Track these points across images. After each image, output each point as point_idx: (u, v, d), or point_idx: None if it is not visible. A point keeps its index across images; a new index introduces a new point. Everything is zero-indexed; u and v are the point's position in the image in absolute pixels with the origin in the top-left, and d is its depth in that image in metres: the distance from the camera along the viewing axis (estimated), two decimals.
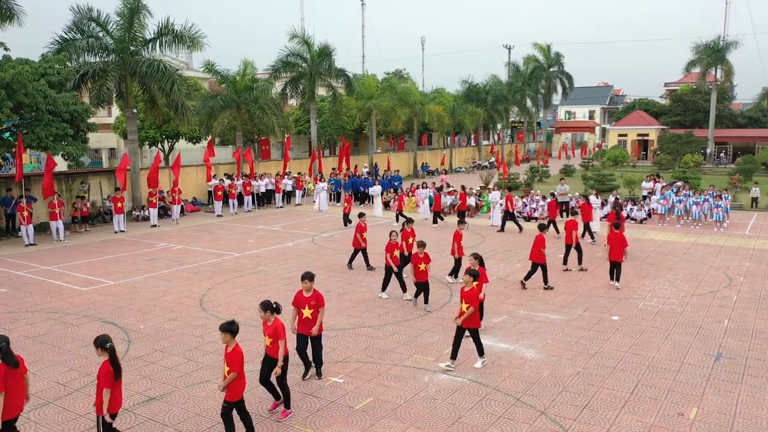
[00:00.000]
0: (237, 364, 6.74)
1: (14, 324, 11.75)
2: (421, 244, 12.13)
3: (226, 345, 6.87)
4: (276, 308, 7.75)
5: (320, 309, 8.80)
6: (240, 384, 6.86)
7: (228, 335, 6.81)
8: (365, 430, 7.52)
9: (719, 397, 8.41)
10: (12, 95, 18.61)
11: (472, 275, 9.30)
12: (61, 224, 20.71)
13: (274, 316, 7.68)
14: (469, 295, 9.16)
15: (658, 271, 15.93)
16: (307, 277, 8.83)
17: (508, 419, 7.78)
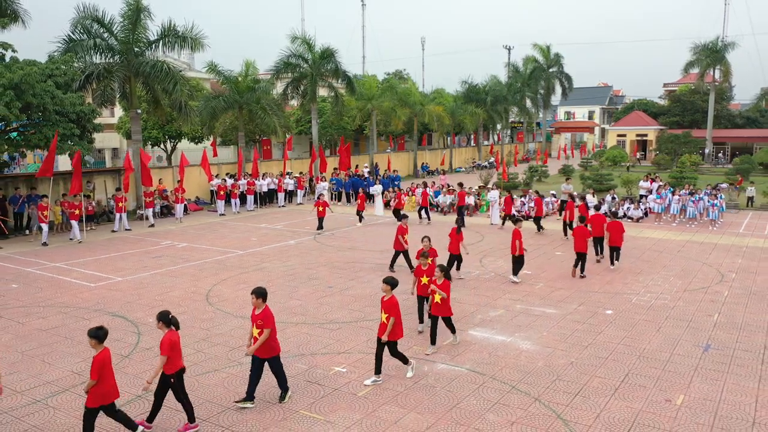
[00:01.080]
0: (94, 369, 6.73)
1: (27, 318, 12.14)
2: (425, 256, 11.20)
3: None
4: (173, 321, 7.41)
5: (266, 330, 7.89)
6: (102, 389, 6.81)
7: (94, 340, 6.84)
8: (368, 414, 7.90)
9: (706, 385, 8.80)
10: (20, 96, 18.99)
11: (389, 283, 8.80)
12: (75, 224, 20.71)
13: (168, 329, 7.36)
14: (388, 305, 8.64)
15: (652, 267, 16.31)
16: (254, 293, 8.07)
17: (503, 405, 8.17)
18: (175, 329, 7.40)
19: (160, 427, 7.56)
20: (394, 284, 8.83)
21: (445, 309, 9.95)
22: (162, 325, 7.36)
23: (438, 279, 9.89)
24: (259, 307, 8.00)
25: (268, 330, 7.87)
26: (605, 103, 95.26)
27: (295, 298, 13.48)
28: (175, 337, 7.31)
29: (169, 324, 7.36)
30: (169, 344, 7.19)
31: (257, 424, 7.67)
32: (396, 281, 8.92)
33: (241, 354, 10.06)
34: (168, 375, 7.28)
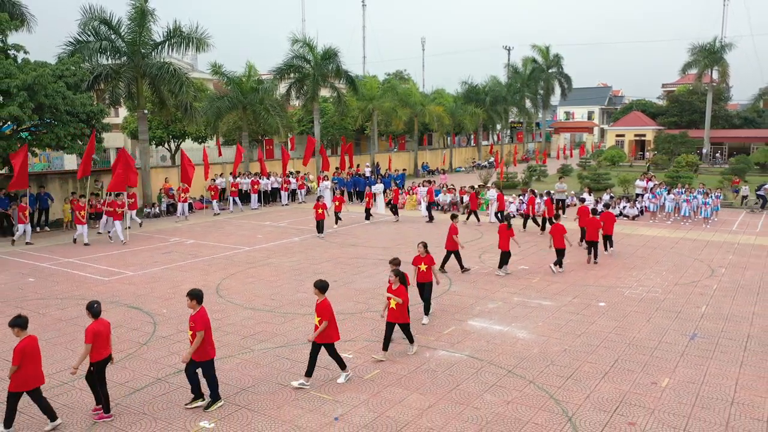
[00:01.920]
0: (16, 356, 7.16)
1: (47, 309, 12.71)
2: (425, 245, 11.63)
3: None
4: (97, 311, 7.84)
5: (198, 332, 7.78)
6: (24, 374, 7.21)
7: (17, 329, 7.26)
8: (374, 395, 8.48)
9: (690, 369, 9.37)
10: (33, 96, 19.57)
11: (320, 287, 8.84)
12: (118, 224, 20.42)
13: None
14: (321, 308, 8.66)
15: (645, 263, 16.89)
16: (188, 295, 8.04)
17: (500, 387, 8.75)
18: (98, 318, 7.79)
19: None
20: (325, 288, 8.77)
21: (400, 315, 9.66)
22: (89, 315, 7.80)
23: (394, 284, 9.63)
24: (194, 309, 7.93)
25: (200, 333, 7.75)
26: (604, 104, 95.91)
27: (302, 291, 14.05)
28: (100, 326, 7.68)
29: (96, 314, 7.78)
30: (92, 333, 7.55)
31: (271, 403, 8.25)
32: (326, 285, 8.81)
33: (253, 341, 10.65)
34: (91, 362, 7.63)
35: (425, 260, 11.51)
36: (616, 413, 7.92)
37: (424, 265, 11.47)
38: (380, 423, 7.68)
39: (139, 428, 7.57)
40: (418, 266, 11.56)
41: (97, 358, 7.65)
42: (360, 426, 7.60)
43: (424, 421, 7.73)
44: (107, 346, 7.81)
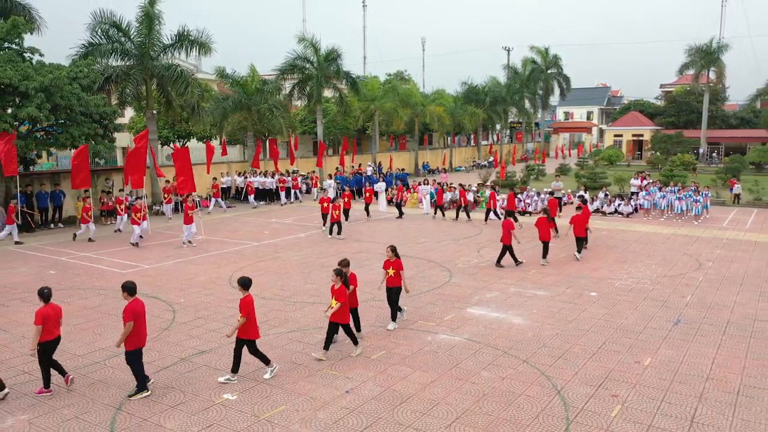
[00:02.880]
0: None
1: (71, 298, 13.51)
2: (394, 250, 11.36)
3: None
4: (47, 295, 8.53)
5: (127, 323, 8.25)
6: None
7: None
8: (380, 372, 9.27)
9: (671, 350, 10.17)
10: (50, 98, 20.34)
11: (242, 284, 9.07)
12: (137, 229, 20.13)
13: None
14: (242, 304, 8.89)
15: (637, 257, 17.69)
16: (122, 287, 8.53)
17: (496, 365, 9.54)
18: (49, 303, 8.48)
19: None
20: (247, 285, 9.00)
21: (340, 315, 9.74)
22: (41, 299, 8.49)
23: (336, 284, 9.76)
24: (126, 300, 8.39)
25: (129, 323, 8.18)
26: (604, 104, 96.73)
27: (310, 282, 14.85)
28: (50, 310, 8.41)
29: (47, 299, 8.48)
30: (41, 316, 8.29)
31: (288, 378, 9.04)
32: (248, 281, 9.04)
33: (267, 327, 11.44)
34: (39, 342, 8.30)
35: (393, 264, 11.19)
36: (601, 387, 8.71)
37: (392, 269, 11.17)
38: (387, 395, 8.47)
39: (169, 399, 8.37)
40: (386, 270, 11.29)
41: (47, 338, 8.39)
42: (369, 398, 8.40)
43: (426, 393, 8.53)
44: (57, 328, 8.55)
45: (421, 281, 14.89)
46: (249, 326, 8.86)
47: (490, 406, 8.14)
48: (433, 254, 18.22)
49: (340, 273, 9.83)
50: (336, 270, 9.88)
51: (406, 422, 7.69)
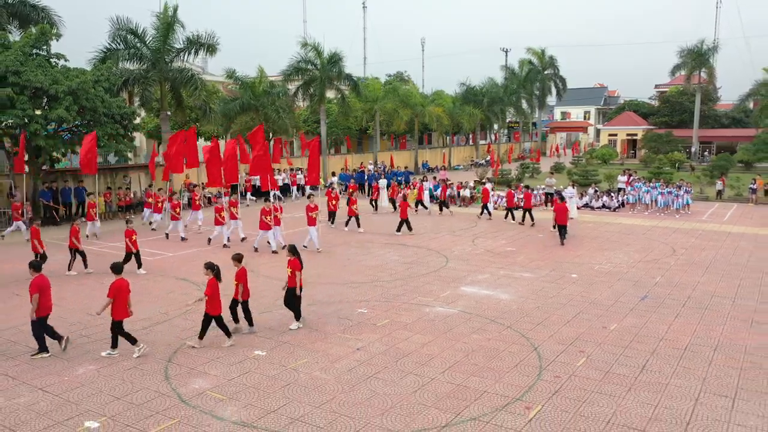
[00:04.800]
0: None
1: (108, 279, 15.09)
2: (292, 250, 11.42)
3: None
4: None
5: (33, 295, 9.58)
6: None
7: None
8: (386, 335, 10.92)
9: (635, 319, 11.82)
10: (76, 100, 21.99)
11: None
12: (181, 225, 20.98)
13: None
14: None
15: (617, 245, 19.35)
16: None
17: (484, 330, 11.20)
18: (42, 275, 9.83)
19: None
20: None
21: (210, 307, 10.16)
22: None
23: (207, 275, 10.32)
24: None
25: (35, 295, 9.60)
26: (600, 104, 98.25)
27: (320, 267, 16.51)
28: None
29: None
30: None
31: (306, 340, 10.69)
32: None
33: (281, 302, 13.07)
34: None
35: (290, 264, 11.21)
36: (571, 345, 10.37)
37: (289, 269, 11.19)
38: (391, 351, 10.13)
39: (209, 355, 10.01)
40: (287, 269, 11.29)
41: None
42: (376, 353, 10.04)
43: (424, 350, 10.18)
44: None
45: (420, 266, 16.56)
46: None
47: (477, 359, 9.79)
48: (432, 244, 19.86)
49: (210, 266, 10.34)
50: (206, 263, 10.48)
51: (408, 370, 9.34)
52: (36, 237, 16.03)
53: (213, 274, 10.31)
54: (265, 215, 18.59)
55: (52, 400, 8.36)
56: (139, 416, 7.89)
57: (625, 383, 8.82)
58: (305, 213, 18.90)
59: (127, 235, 16.01)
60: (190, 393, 8.57)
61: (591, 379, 8.96)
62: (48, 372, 9.34)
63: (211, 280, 10.27)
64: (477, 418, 7.81)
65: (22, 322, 11.43)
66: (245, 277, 10.99)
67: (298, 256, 11.29)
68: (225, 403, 8.24)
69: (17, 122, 21.49)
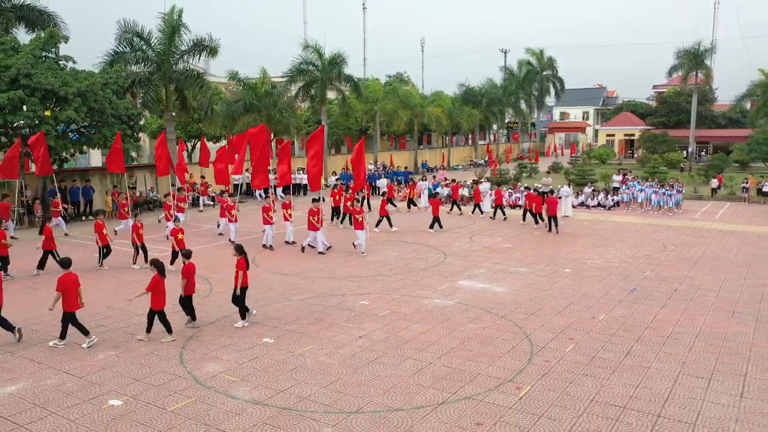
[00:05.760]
0: None
1: (124, 274, 15.77)
2: (239, 249, 11.74)
3: None
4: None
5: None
6: None
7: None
8: (386, 325, 11.55)
9: (623, 310, 12.46)
10: (85, 101, 22.62)
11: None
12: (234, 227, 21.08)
13: None
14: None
15: (610, 242, 19.99)
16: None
17: (479, 320, 11.83)
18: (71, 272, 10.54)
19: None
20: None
21: (152, 302, 10.62)
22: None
23: (152, 272, 10.75)
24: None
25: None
26: (599, 104, 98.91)
27: (323, 262, 17.15)
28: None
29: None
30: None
31: (312, 329, 11.32)
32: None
33: (289, 294, 13.72)
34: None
35: (238, 264, 11.45)
36: (561, 333, 11.01)
37: (236, 268, 11.43)
38: (392, 338, 10.77)
39: (220, 342, 10.64)
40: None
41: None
42: (377, 341, 10.68)
43: (422, 338, 10.82)
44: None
45: (419, 261, 17.21)
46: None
47: (472, 345, 10.43)
48: (431, 241, 20.49)
49: (154, 263, 10.79)
50: (152, 260, 11.03)
51: (407, 355, 9.98)
52: (48, 234, 16.60)
53: (158, 271, 10.69)
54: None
55: (76, 382, 9.00)
56: (158, 395, 8.53)
57: (610, 367, 9.46)
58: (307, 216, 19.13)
59: (134, 229, 16.68)
60: (205, 375, 9.21)
61: (578, 363, 9.59)
62: (70, 357, 9.97)
63: (154, 276, 10.64)
64: (471, 396, 8.44)
65: (42, 312, 12.06)
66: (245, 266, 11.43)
67: (244, 256, 11.57)
68: (237, 384, 8.87)
69: (28, 123, 22.14)
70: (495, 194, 25.94)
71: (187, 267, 11.41)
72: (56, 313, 10.74)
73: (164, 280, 10.78)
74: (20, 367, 9.60)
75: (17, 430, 7.62)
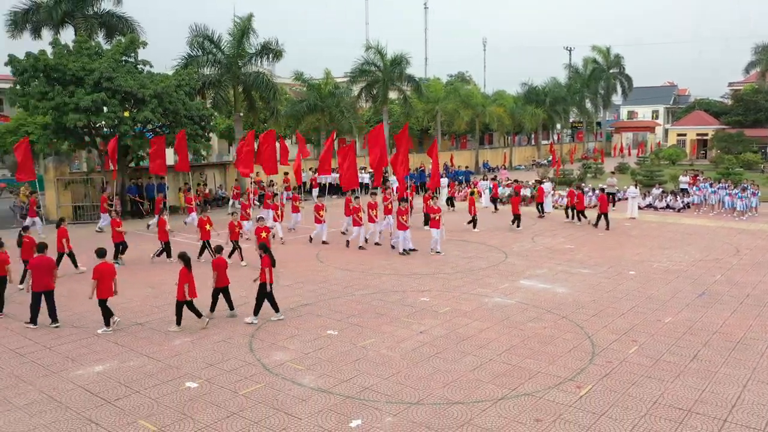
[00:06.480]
0: None
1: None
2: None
3: None
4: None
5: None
6: None
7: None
8: (446, 321, 11.74)
9: (691, 313, 12.15)
10: (161, 103, 23.86)
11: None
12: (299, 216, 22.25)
13: None
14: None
15: (679, 245, 19.40)
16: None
17: (539, 319, 11.84)
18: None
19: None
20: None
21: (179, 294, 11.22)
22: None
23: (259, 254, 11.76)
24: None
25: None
26: (670, 103, 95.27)
27: (384, 258, 17.50)
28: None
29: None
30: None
31: (373, 323, 11.64)
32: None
33: (353, 290, 14.10)
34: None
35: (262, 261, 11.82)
36: (624, 335, 10.88)
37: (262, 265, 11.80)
38: (452, 335, 10.95)
39: (287, 333, 11.12)
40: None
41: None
42: (438, 336, 10.89)
43: (483, 335, 10.95)
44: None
45: (480, 260, 17.27)
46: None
47: (532, 344, 10.48)
48: (492, 240, 20.48)
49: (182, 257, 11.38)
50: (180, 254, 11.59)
51: (467, 351, 10.15)
52: (116, 226, 17.42)
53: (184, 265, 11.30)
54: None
55: (156, 365, 9.66)
56: (230, 380, 9.05)
57: (675, 370, 9.31)
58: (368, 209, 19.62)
59: (200, 225, 17.41)
60: (273, 363, 9.68)
61: (641, 365, 9.49)
62: (150, 342, 10.68)
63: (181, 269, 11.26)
64: (531, 393, 8.53)
65: (123, 300, 12.91)
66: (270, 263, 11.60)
67: (269, 254, 11.75)
68: (303, 373, 9.29)
69: (109, 123, 23.56)
70: (568, 195, 25.53)
71: (216, 261, 11.94)
72: (137, 299, 11.52)
73: (191, 273, 11.33)
74: (106, 349, 10.37)
75: (105, 405, 8.28)
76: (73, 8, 29.35)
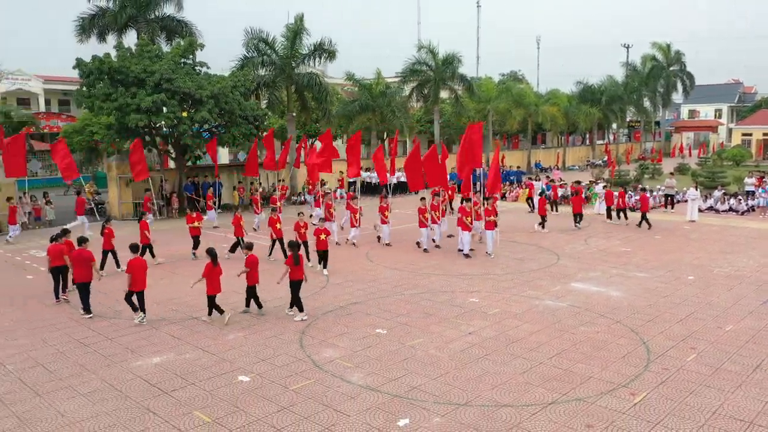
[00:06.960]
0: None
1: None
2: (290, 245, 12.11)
3: None
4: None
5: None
6: None
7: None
8: (496, 323, 11.63)
9: (754, 321, 11.62)
10: (217, 103, 24.53)
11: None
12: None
13: None
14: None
15: (742, 249, 18.58)
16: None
17: (592, 323, 11.57)
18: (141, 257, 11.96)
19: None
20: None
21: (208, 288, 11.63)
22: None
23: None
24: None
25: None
26: (734, 101, 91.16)
27: (434, 259, 17.46)
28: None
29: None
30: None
31: (422, 323, 11.64)
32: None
33: (402, 289, 14.15)
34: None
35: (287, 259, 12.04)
36: (682, 342, 10.52)
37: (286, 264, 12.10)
38: (502, 337, 10.84)
39: (336, 330, 11.25)
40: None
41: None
42: (487, 338, 10.80)
43: (533, 338, 10.79)
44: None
45: (531, 262, 17.03)
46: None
47: (584, 348, 10.26)
48: (543, 242, 20.15)
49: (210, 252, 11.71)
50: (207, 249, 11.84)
51: (517, 354, 10.03)
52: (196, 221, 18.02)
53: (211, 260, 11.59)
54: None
55: (210, 358, 9.96)
56: (280, 375, 9.24)
57: (736, 380, 8.94)
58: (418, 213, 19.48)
59: (271, 224, 17.44)
60: (322, 360, 9.82)
61: (700, 374, 9.15)
62: (205, 336, 11.02)
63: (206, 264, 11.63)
64: (582, 399, 8.36)
65: (179, 294, 13.37)
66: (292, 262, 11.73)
67: (294, 252, 11.77)
68: (352, 370, 9.39)
69: (169, 123, 24.38)
70: (606, 196, 24.93)
71: (249, 258, 12.12)
72: (194, 294, 11.90)
73: (217, 268, 11.63)
74: (163, 341, 10.77)
75: (162, 396, 8.60)
76: (137, 13, 30.50)
